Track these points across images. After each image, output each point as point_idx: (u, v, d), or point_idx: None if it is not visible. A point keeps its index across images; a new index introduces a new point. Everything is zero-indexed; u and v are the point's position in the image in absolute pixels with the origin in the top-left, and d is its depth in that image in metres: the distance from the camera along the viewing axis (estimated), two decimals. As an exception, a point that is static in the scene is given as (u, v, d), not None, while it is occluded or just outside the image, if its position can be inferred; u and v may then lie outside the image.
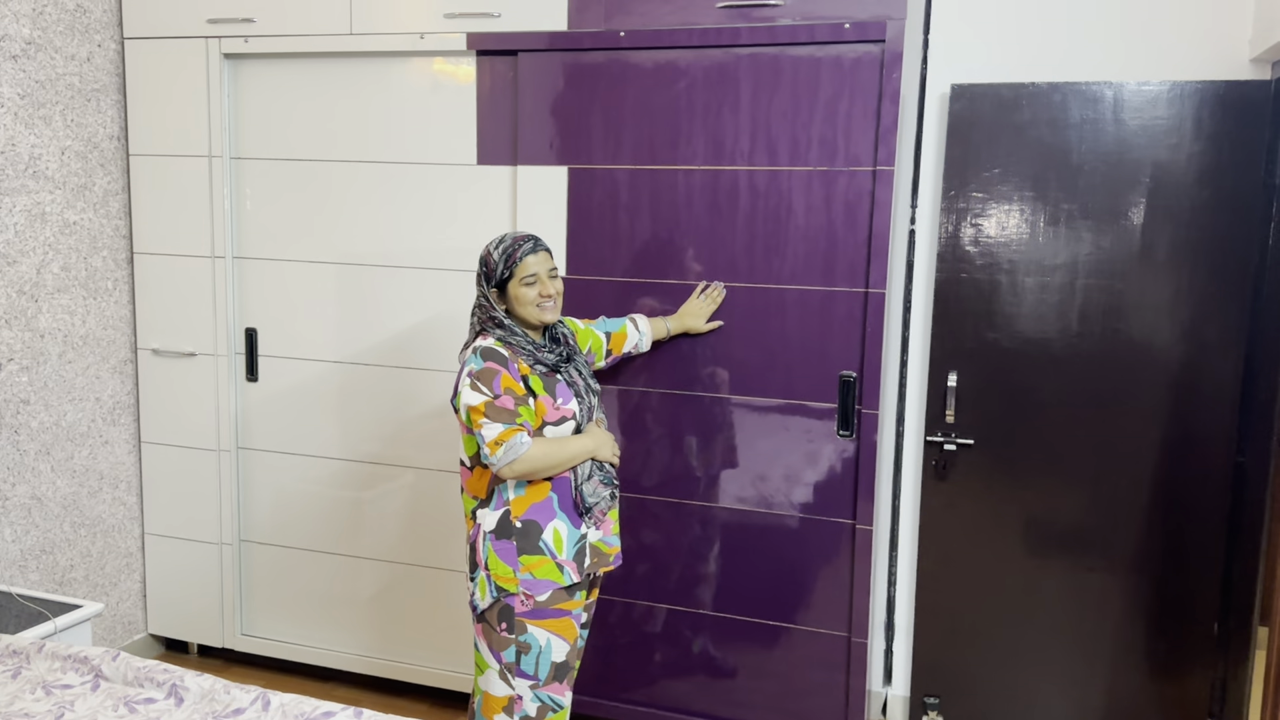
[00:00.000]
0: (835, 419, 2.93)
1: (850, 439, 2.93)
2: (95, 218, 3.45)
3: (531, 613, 2.42)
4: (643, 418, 3.10)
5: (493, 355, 2.38)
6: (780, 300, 2.93)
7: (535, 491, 2.43)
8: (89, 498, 3.51)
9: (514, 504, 2.42)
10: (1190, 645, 3.10)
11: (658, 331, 2.94)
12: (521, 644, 2.43)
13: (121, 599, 3.68)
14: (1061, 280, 3.07)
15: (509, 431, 2.31)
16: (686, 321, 2.97)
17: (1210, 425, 3.00)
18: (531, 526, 2.42)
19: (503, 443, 2.31)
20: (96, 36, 3.40)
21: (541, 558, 2.42)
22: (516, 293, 2.43)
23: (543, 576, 2.41)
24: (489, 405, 2.33)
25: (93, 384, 3.49)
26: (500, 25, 3.06)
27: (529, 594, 2.41)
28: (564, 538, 2.44)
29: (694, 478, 3.07)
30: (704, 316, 2.98)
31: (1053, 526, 3.16)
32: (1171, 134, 2.94)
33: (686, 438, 3.06)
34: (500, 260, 2.44)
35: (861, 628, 2.96)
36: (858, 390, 2.90)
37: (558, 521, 2.44)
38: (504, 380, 2.35)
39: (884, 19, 2.74)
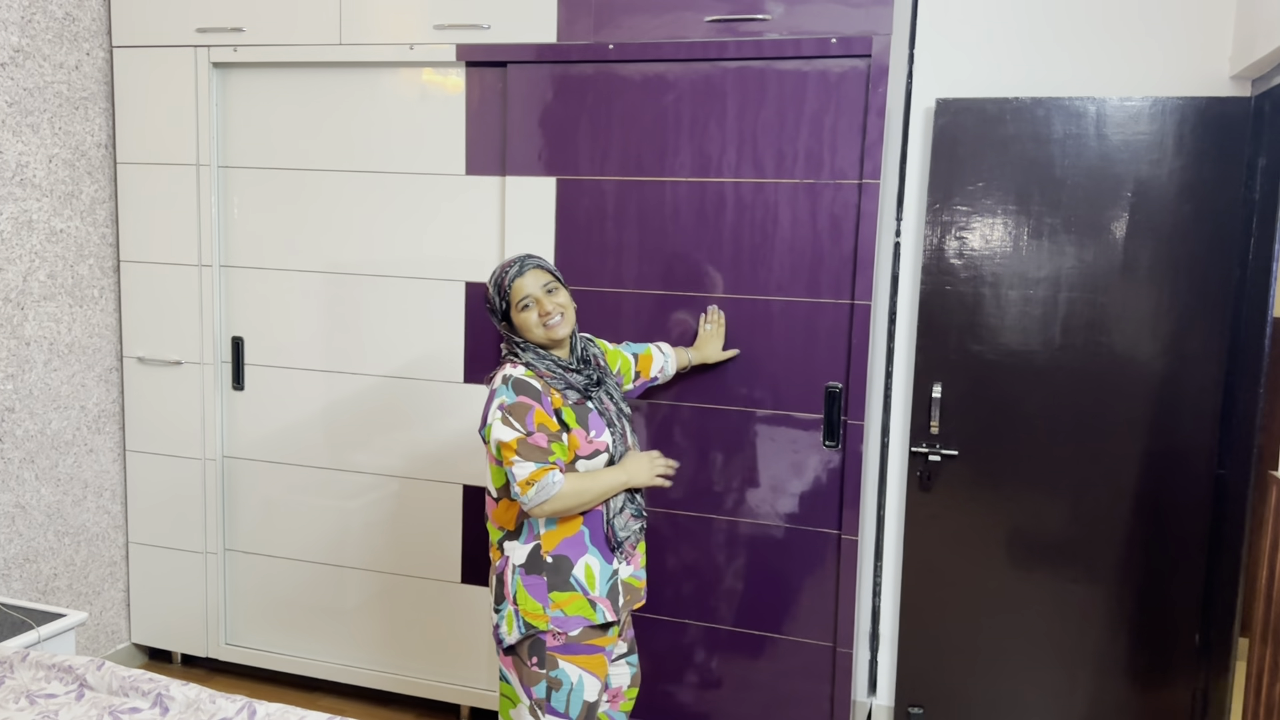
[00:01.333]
0: (821, 430, 2.95)
1: (836, 450, 2.95)
2: (82, 225, 3.45)
3: (564, 648, 2.33)
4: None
5: (525, 389, 2.28)
6: (766, 311, 2.95)
7: (566, 526, 2.34)
8: (73, 506, 3.49)
9: (545, 538, 2.33)
10: (1172, 656, 3.12)
11: (681, 361, 2.89)
12: (553, 680, 2.33)
13: (105, 608, 3.66)
14: (1044, 293, 3.10)
15: (541, 471, 2.22)
16: (705, 351, 2.94)
17: (1191, 438, 3.03)
18: (563, 562, 2.32)
19: (534, 482, 2.22)
20: (85, 45, 3.40)
21: (573, 594, 2.32)
22: (519, 320, 2.35)
23: (574, 614, 2.32)
24: (521, 443, 2.23)
25: (78, 392, 3.48)
26: (490, 37, 3.08)
27: (561, 630, 2.32)
28: (596, 574, 2.35)
29: (680, 488, 3.08)
30: (718, 344, 2.94)
31: (1036, 537, 3.19)
32: (1153, 149, 2.97)
33: (672, 448, 3.07)
34: (495, 293, 2.38)
35: (846, 638, 2.97)
36: (843, 401, 2.92)
37: (589, 557, 2.35)
38: (537, 416, 2.26)
39: (870, 34, 2.77)
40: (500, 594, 2.36)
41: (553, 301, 2.33)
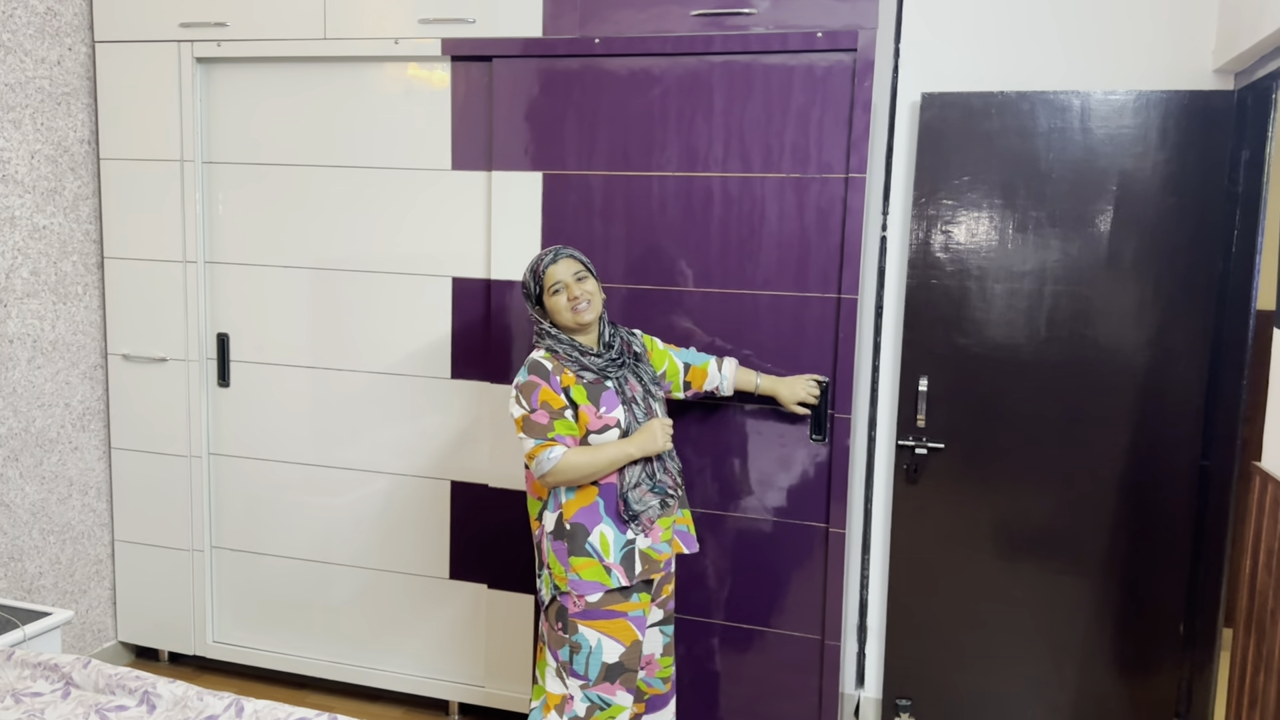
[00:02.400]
0: (808, 423, 2.95)
1: (823, 443, 2.95)
2: (65, 222, 3.43)
3: (583, 613, 2.49)
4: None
5: (537, 369, 2.50)
6: (754, 305, 2.96)
7: (583, 496, 2.51)
8: (58, 504, 3.48)
9: (565, 507, 2.51)
10: (1157, 646, 3.14)
11: (744, 382, 2.88)
12: (574, 643, 2.50)
13: (91, 606, 3.64)
14: (1030, 286, 3.11)
15: (540, 446, 2.43)
16: (780, 389, 2.88)
17: (1175, 429, 3.05)
18: (579, 529, 2.50)
19: (535, 456, 2.43)
20: (67, 40, 3.38)
21: (589, 560, 2.48)
22: (550, 303, 2.54)
23: (590, 578, 2.48)
24: (525, 420, 2.46)
25: (62, 389, 3.46)
26: (475, 31, 3.07)
27: (579, 595, 2.49)
28: (610, 542, 2.50)
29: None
30: (798, 397, 2.89)
31: (1022, 529, 3.20)
32: (1138, 143, 2.99)
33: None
34: (531, 278, 2.58)
35: (834, 631, 2.98)
36: (830, 395, 2.92)
37: (604, 526, 2.50)
38: (542, 394, 2.46)
39: (856, 28, 2.77)
40: (540, 560, 2.59)
41: (581, 288, 2.53)
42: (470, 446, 3.26)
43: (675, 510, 2.62)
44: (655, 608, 2.68)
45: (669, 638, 2.74)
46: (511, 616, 3.27)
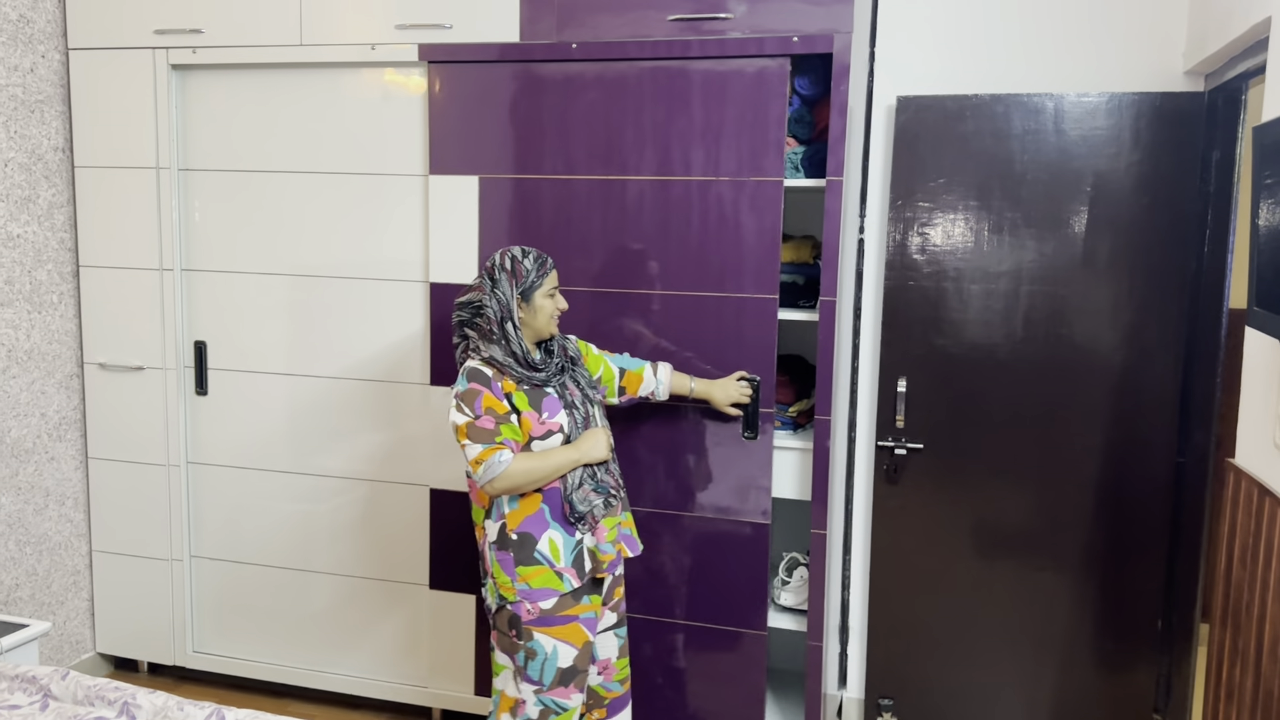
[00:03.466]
0: (740, 423, 2.97)
1: (755, 440, 2.98)
2: (39, 230, 3.40)
3: (538, 620, 2.49)
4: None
5: (477, 376, 2.46)
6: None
7: (527, 504, 2.50)
8: (34, 515, 3.44)
9: (509, 517, 2.50)
10: (1136, 642, 3.17)
11: (679, 386, 2.89)
12: (529, 650, 2.50)
13: (69, 617, 3.61)
14: (1006, 287, 3.13)
15: (488, 451, 2.40)
16: (714, 391, 2.91)
17: (1151, 427, 3.08)
18: (526, 539, 2.49)
19: (483, 461, 2.40)
20: (40, 47, 3.35)
21: (539, 568, 2.48)
22: (541, 303, 2.52)
23: (540, 586, 2.48)
24: (470, 426, 2.42)
25: (38, 399, 3.43)
26: (452, 36, 3.07)
27: (532, 603, 2.48)
28: (560, 546, 2.50)
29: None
30: (731, 398, 2.92)
31: (1001, 528, 3.23)
32: (1111, 144, 3.02)
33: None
34: (534, 268, 2.52)
35: (816, 631, 2.99)
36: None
37: (551, 531, 2.50)
38: (485, 400, 2.43)
39: (831, 32, 2.79)
40: (483, 568, 2.57)
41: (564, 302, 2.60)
42: (450, 453, 3.25)
43: (619, 511, 2.62)
44: (608, 611, 2.68)
45: (623, 640, 2.75)
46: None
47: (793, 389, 3.10)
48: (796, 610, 3.10)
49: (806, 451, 2.98)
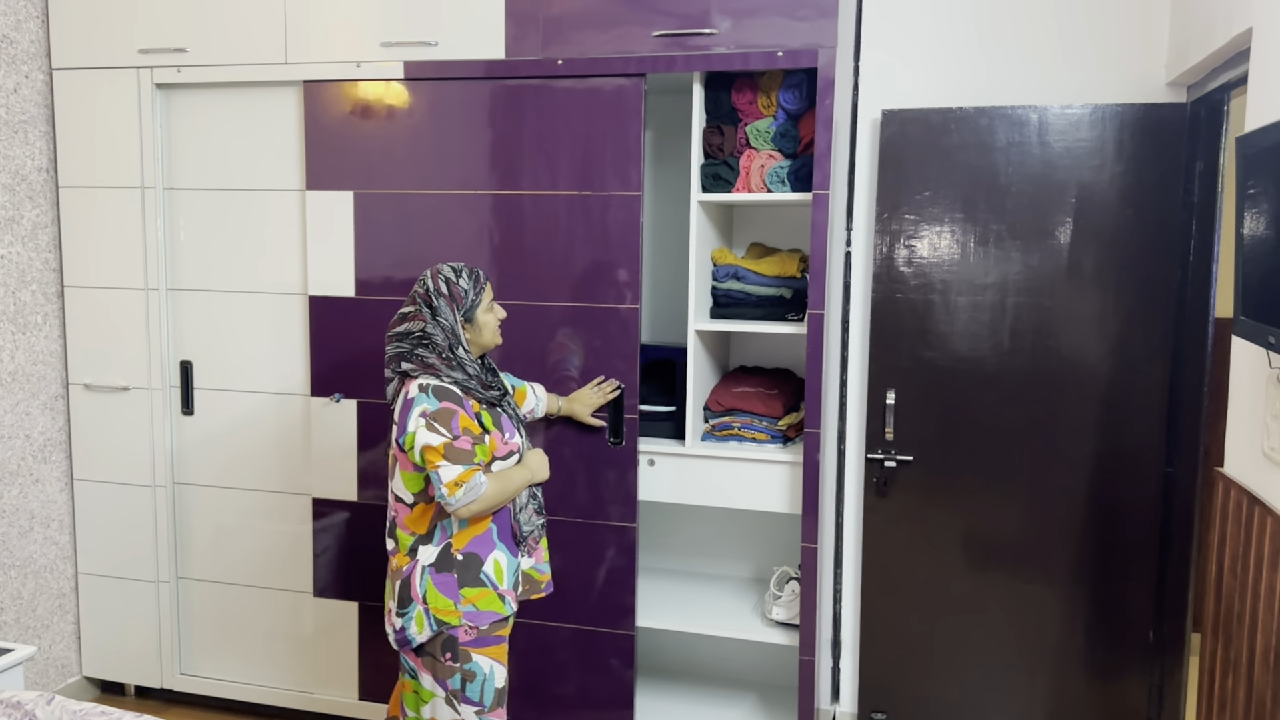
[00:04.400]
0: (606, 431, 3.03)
1: (621, 447, 3.03)
2: (24, 251, 3.38)
3: (475, 641, 2.46)
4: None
5: (448, 395, 2.40)
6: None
7: (476, 525, 2.48)
8: (19, 538, 3.41)
9: (456, 538, 2.46)
10: (1128, 652, 3.17)
11: (551, 404, 2.96)
12: (467, 672, 2.46)
13: (55, 641, 3.57)
14: (992, 299, 3.14)
15: (468, 473, 2.35)
16: (575, 407, 2.99)
17: (1139, 437, 3.09)
18: (472, 559, 2.46)
19: (463, 484, 2.34)
20: (23, 67, 3.34)
21: (483, 589, 2.46)
22: (484, 319, 2.51)
23: (486, 608, 2.46)
24: (448, 446, 2.35)
25: (22, 421, 3.40)
26: (438, 54, 3.07)
27: (474, 624, 2.45)
28: (504, 568, 2.50)
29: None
30: (592, 407, 3.00)
31: (992, 540, 3.22)
32: (1094, 155, 3.04)
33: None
34: (471, 286, 2.49)
35: (809, 645, 2.98)
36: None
37: (497, 552, 2.50)
38: (461, 420, 2.39)
39: (815, 47, 2.80)
40: (406, 597, 2.46)
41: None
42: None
43: (544, 531, 2.66)
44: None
45: None
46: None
47: (782, 402, 3.09)
48: (788, 625, 3.09)
49: (796, 465, 2.97)
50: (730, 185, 3.01)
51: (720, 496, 3.06)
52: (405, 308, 2.50)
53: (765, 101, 2.98)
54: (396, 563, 2.51)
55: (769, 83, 2.97)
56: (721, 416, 3.11)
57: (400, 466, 2.46)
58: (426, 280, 2.49)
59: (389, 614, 2.51)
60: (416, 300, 2.48)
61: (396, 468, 2.48)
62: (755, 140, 2.99)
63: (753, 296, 3.11)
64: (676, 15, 2.88)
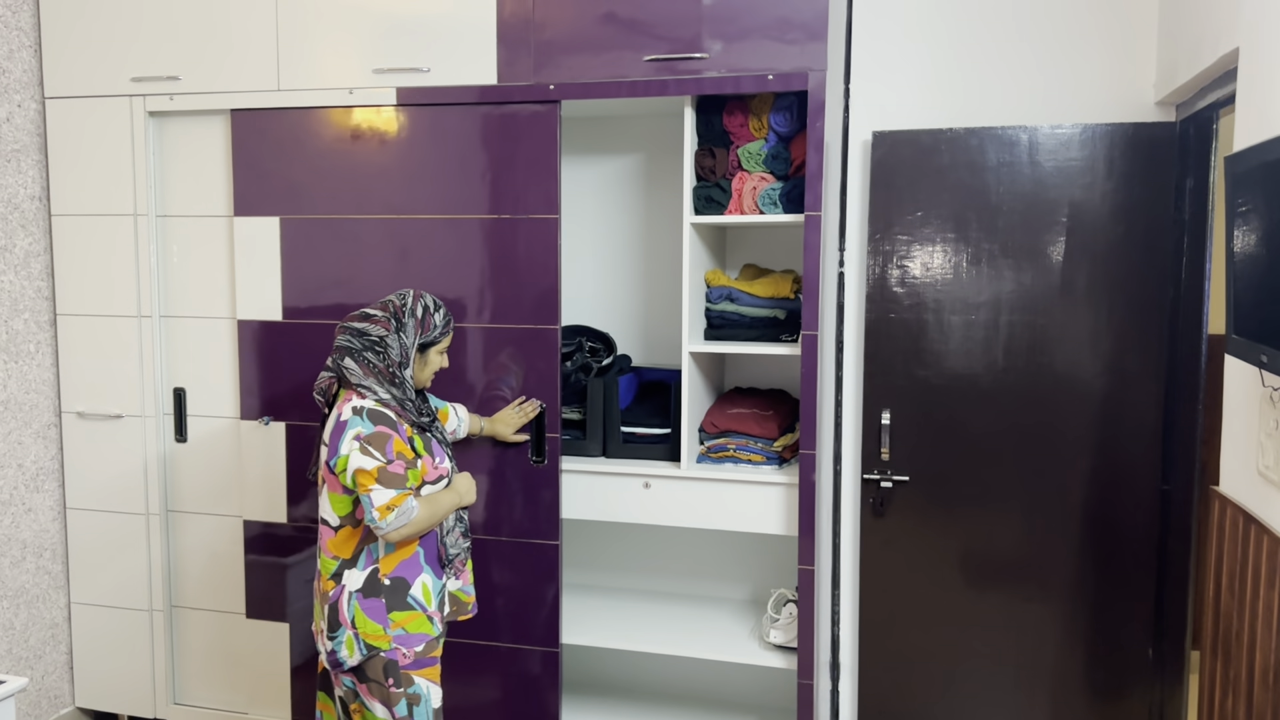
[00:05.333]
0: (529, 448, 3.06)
1: (543, 465, 3.05)
2: (16, 280, 3.37)
3: (414, 664, 2.49)
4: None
5: (382, 419, 2.42)
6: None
7: (404, 549, 2.50)
8: (11, 568, 3.39)
9: (383, 562, 2.48)
10: (1127, 671, 3.16)
11: (473, 425, 2.98)
12: (411, 696, 2.48)
13: (47, 672, 3.54)
14: (986, 317, 3.14)
15: (400, 497, 2.37)
16: (497, 427, 3.02)
17: (1134, 454, 3.09)
18: (399, 583, 2.48)
19: (394, 508, 2.36)
20: (16, 96, 3.35)
21: (412, 613, 2.49)
22: (432, 358, 2.59)
23: (415, 630, 2.49)
24: (381, 471, 2.37)
25: (14, 450, 3.38)
26: (430, 80, 3.08)
27: (408, 648, 2.47)
28: (431, 590, 2.53)
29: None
30: (514, 427, 3.03)
31: (989, 559, 3.22)
32: (1085, 174, 3.05)
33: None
34: (441, 324, 2.57)
35: (808, 668, 2.97)
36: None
37: (424, 575, 2.52)
38: (396, 444, 2.41)
39: (806, 70, 2.81)
40: (335, 621, 2.48)
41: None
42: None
43: (469, 553, 2.69)
44: None
45: None
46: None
47: (777, 423, 3.09)
48: (786, 648, 3.07)
49: (792, 486, 2.96)
50: (723, 207, 3.02)
51: (716, 519, 3.05)
52: (371, 310, 2.53)
53: (756, 124, 2.99)
54: (323, 586, 2.53)
55: (760, 105, 2.98)
56: (717, 438, 3.10)
57: (328, 488, 2.48)
58: (406, 297, 2.54)
59: (320, 635, 2.53)
60: (388, 309, 2.52)
61: (324, 489, 2.49)
62: (747, 162, 3.00)
63: (747, 318, 3.11)
64: (668, 40, 2.90)
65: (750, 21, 2.84)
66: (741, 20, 2.84)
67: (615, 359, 3.29)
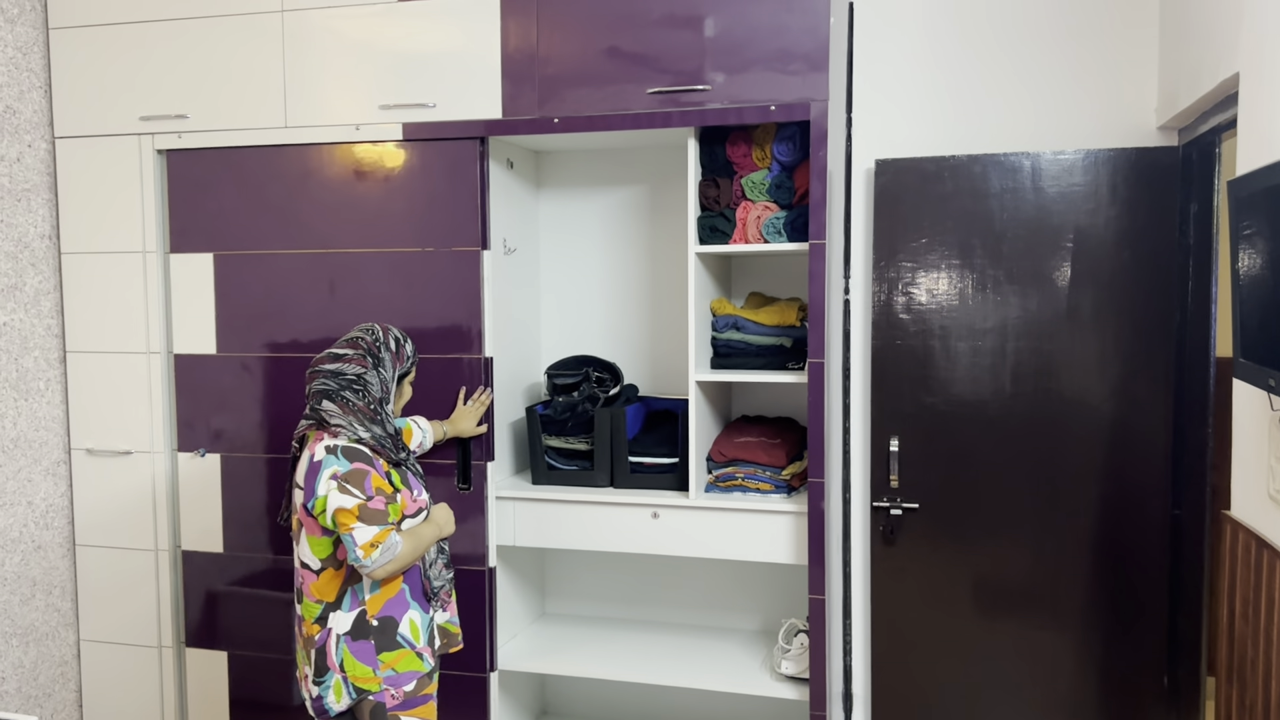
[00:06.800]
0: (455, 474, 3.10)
1: (469, 491, 3.10)
2: (26, 318, 3.39)
3: (403, 704, 2.46)
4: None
5: (359, 456, 2.40)
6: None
7: (389, 588, 2.47)
8: (20, 605, 3.39)
9: (370, 603, 2.45)
10: (1143, 700, 3.13)
11: (437, 434, 2.99)
12: None
13: (56, 710, 3.53)
14: (992, 343, 3.14)
15: (384, 533, 2.34)
16: (459, 425, 3.03)
17: (1145, 480, 3.07)
18: (388, 623, 2.46)
19: (379, 544, 2.33)
20: (26, 137, 3.38)
21: (401, 651, 2.46)
22: (405, 389, 2.62)
23: (405, 669, 2.46)
24: (362, 508, 2.34)
25: (24, 487, 3.39)
26: (435, 115, 3.10)
27: (397, 689, 2.44)
28: (419, 626, 2.51)
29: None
30: (474, 420, 3.04)
31: (1001, 587, 3.19)
32: (1089, 199, 3.05)
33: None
34: (412, 354, 2.61)
35: (820, 699, 2.94)
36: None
37: (412, 612, 2.50)
38: (374, 481, 2.39)
39: (808, 100, 2.83)
40: (323, 666, 2.44)
41: None
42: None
43: (453, 583, 2.68)
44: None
45: None
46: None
47: (785, 451, 3.08)
48: (798, 679, 3.04)
49: (801, 515, 2.95)
50: (727, 237, 3.03)
51: (725, 548, 3.04)
52: (340, 349, 2.52)
53: (760, 154, 3.01)
54: (307, 631, 2.49)
55: (763, 135, 3.00)
56: (725, 467, 3.09)
57: (306, 532, 2.44)
58: (376, 330, 2.55)
59: (304, 680, 2.50)
60: (360, 345, 2.51)
61: (302, 533, 2.46)
62: (751, 192, 3.02)
63: (753, 346, 3.11)
64: (670, 72, 2.92)
65: (752, 53, 2.86)
66: (743, 52, 2.87)
67: (622, 388, 3.29)
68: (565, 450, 3.23)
